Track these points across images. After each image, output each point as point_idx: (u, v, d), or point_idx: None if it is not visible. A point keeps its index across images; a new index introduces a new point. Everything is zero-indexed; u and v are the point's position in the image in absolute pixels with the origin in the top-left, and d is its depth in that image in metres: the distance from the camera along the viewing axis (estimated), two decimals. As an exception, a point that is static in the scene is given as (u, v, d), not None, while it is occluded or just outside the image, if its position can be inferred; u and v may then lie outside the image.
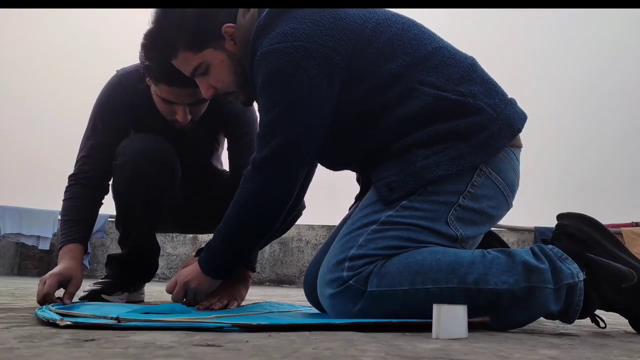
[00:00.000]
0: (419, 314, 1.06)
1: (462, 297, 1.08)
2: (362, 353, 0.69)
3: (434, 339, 0.88)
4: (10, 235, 6.51)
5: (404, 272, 1.11)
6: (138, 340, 0.74)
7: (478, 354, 0.72)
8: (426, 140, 1.20)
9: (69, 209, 1.65)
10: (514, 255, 1.13)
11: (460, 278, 1.09)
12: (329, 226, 6.92)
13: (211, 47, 1.32)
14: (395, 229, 1.16)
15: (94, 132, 1.71)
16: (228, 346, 0.71)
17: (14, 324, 0.95)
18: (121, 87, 1.69)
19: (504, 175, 1.25)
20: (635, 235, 5.61)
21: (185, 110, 1.54)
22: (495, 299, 1.09)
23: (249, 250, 1.38)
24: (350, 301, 1.13)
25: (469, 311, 0.96)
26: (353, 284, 1.13)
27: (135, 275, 1.83)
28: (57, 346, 0.67)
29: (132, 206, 1.68)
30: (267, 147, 1.21)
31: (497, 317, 1.08)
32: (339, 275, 1.14)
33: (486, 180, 1.22)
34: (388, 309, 1.11)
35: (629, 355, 0.79)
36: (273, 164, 1.22)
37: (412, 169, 1.19)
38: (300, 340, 0.80)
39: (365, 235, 1.17)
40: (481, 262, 1.11)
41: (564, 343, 0.94)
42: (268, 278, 6.81)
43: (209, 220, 1.96)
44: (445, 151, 1.18)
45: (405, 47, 1.23)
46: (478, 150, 1.19)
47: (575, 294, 1.10)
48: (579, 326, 1.45)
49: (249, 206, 1.27)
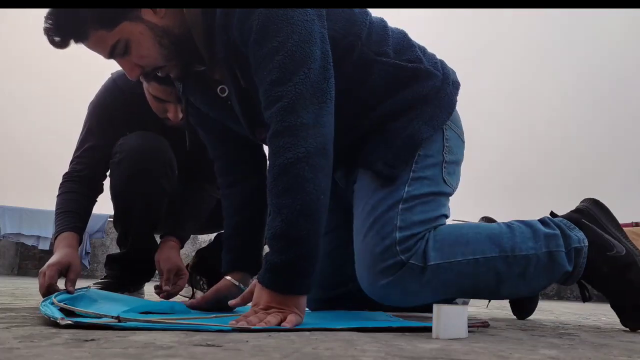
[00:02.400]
0: (470, 283, 1.20)
1: (503, 264, 1.20)
2: (362, 353, 0.69)
3: (434, 338, 0.88)
4: (10, 235, 6.51)
5: (454, 245, 1.19)
6: (138, 340, 0.74)
7: (478, 354, 0.72)
8: (398, 110, 1.25)
9: (63, 202, 1.65)
10: (531, 225, 1.26)
11: (500, 247, 1.20)
12: (329, 226, 6.91)
13: (127, 19, 1.15)
14: (421, 203, 1.23)
15: (89, 134, 1.73)
16: (228, 346, 0.71)
17: (13, 324, 0.95)
18: (117, 88, 1.71)
19: (459, 123, 1.38)
20: (635, 235, 5.61)
21: (177, 108, 1.55)
22: (525, 265, 1.20)
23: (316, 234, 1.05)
24: (412, 280, 1.17)
25: (504, 280, 1.19)
26: (413, 262, 1.16)
27: (134, 274, 1.83)
28: (57, 346, 0.67)
29: (130, 204, 1.69)
30: (288, 85, 1.05)
31: (526, 283, 1.22)
32: (393, 260, 1.16)
33: (452, 133, 1.33)
34: (445, 280, 1.18)
35: (629, 356, 0.79)
36: (306, 104, 1.05)
37: (399, 140, 1.23)
38: (300, 340, 0.80)
39: (398, 216, 1.20)
40: (509, 232, 1.23)
41: (564, 343, 0.94)
42: (268, 278, 6.79)
43: (209, 219, 1.96)
44: (419, 117, 1.25)
45: (352, 25, 1.23)
46: (443, 110, 1.29)
47: (581, 257, 1.24)
48: (579, 326, 1.45)
49: (307, 176, 1.02)
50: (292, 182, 1.01)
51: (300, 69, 1.06)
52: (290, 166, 1.01)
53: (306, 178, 1.01)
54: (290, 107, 1.04)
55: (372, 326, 1.00)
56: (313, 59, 1.07)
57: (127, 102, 1.69)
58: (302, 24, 1.08)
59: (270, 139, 1.06)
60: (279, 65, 1.06)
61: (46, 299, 1.15)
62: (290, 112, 1.04)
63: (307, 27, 1.09)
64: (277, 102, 1.05)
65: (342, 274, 1.44)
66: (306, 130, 1.03)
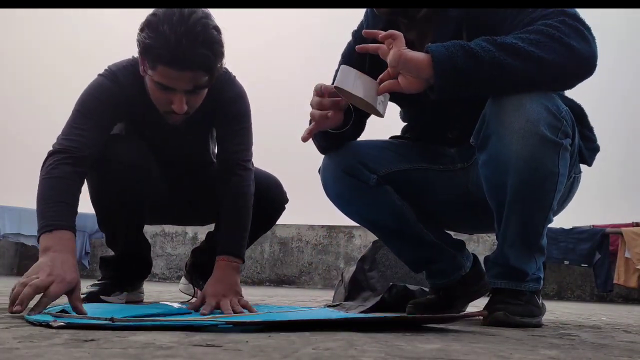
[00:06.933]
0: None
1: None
2: (362, 353, 0.69)
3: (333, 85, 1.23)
4: (10, 235, 6.51)
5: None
6: (138, 340, 0.74)
7: (478, 354, 0.72)
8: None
9: (56, 187, 1.35)
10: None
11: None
12: (329, 226, 6.91)
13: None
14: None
15: (90, 112, 1.51)
16: (228, 346, 0.71)
17: (13, 324, 0.95)
18: (116, 79, 1.59)
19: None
20: (635, 235, 5.61)
21: (183, 98, 1.43)
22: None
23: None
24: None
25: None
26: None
27: (130, 273, 1.82)
28: (56, 346, 0.67)
29: (111, 211, 1.64)
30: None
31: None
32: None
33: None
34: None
35: (629, 356, 0.79)
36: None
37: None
38: (300, 340, 0.80)
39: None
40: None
41: (564, 343, 0.94)
42: (268, 278, 6.80)
43: (206, 212, 1.95)
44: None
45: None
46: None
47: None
48: (579, 326, 1.45)
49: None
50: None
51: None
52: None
53: None
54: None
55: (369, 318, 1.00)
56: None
57: (126, 92, 1.60)
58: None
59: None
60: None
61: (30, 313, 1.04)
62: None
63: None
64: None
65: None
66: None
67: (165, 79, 1.41)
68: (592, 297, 6.13)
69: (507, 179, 1.25)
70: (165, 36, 1.33)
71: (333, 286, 3.63)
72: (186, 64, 1.36)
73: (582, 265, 5.82)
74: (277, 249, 6.92)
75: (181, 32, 1.33)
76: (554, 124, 1.22)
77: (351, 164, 1.49)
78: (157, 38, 1.35)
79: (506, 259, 1.31)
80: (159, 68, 1.39)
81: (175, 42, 1.33)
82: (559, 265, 5.98)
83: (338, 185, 1.52)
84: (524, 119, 1.20)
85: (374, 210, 1.52)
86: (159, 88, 1.44)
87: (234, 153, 1.62)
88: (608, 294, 5.96)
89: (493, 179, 1.29)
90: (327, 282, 6.68)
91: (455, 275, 1.56)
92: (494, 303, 1.30)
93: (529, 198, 1.25)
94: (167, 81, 1.41)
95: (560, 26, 1.19)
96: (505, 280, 1.32)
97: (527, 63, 1.18)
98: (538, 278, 1.34)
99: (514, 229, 1.29)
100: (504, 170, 1.25)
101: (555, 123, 1.22)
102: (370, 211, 1.52)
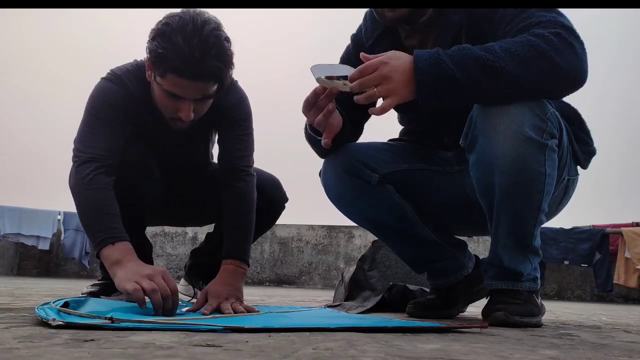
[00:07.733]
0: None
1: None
2: (362, 353, 0.69)
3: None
4: (10, 235, 6.51)
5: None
6: (138, 340, 0.74)
7: (478, 354, 0.72)
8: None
9: (104, 199, 1.41)
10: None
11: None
12: (329, 226, 6.92)
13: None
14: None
15: (106, 121, 1.53)
16: (228, 346, 0.71)
17: (13, 324, 0.95)
18: (123, 83, 1.61)
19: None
20: (635, 235, 5.61)
21: (190, 107, 1.45)
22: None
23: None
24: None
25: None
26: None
27: None
28: (56, 346, 0.67)
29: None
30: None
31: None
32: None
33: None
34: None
35: (629, 356, 0.79)
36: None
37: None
38: (300, 340, 0.80)
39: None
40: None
41: (564, 343, 0.94)
42: (268, 278, 6.80)
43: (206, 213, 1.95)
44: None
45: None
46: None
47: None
48: (579, 326, 1.45)
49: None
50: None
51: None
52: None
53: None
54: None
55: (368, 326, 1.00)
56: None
57: (132, 97, 1.60)
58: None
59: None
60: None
61: (44, 303, 1.13)
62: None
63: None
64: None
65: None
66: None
67: (175, 88, 1.42)
68: (592, 297, 6.14)
69: (495, 180, 1.26)
70: (179, 47, 1.33)
71: (333, 286, 3.64)
72: (198, 75, 1.37)
73: (582, 265, 5.82)
74: (277, 249, 6.92)
75: (195, 44, 1.33)
76: (539, 125, 1.23)
77: (352, 164, 1.49)
78: (170, 48, 1.35)
79: (500, 260, 1.32)
80: (170, 77, 1.40)
81: (189, 53, 1.33)
82: (559, 265, 5.98)
83: (339, 185, 1.52)
84: (509, 120, 1.22)
85: (375, 210, 1.52)
86: (168, 96, 1.45)
87: (237, 159, 1.63)
88: (608, 294, 5.97)
89: (482, 179, 1.30)
90: (327, 282, 6.68)
91: (457, 275, 1.56)
92: (493, 303, 1.30)
93: (518, 199, 1.25)
94: (177, 90, 1.42)
95: (553, 40, 1.19)
96: (502, 281, 1.33)
97: (508, 85, 1.21)
98: (535, 278, 1.35)
99: (504, 229, 1.29)
100: (492, 171, 1.26)
101: (540, 124, 1.23)
102: (372, 211, 1.52)
